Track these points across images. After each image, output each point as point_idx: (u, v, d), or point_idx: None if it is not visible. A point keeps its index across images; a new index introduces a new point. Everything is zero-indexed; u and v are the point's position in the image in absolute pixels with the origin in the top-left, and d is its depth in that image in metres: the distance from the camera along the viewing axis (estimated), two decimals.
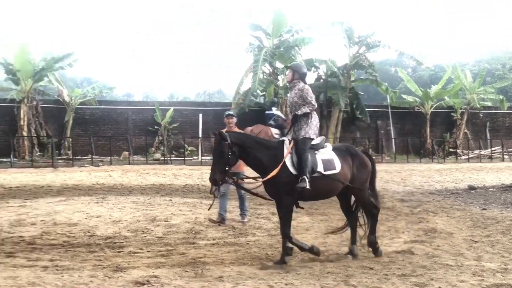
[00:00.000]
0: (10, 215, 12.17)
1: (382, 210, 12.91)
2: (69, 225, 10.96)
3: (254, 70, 32.15)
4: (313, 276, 7.25)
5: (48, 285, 6.66)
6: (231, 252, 8.79)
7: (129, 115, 33.07)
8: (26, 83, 29.57)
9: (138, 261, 8.07)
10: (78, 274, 7.20)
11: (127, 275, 7.22)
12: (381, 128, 37.05)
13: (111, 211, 12.82)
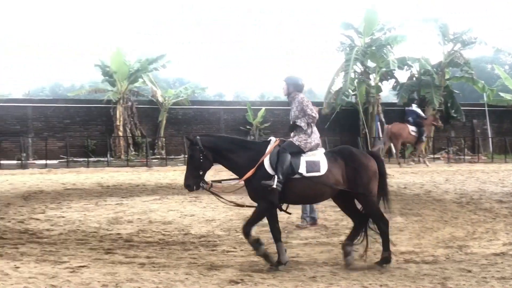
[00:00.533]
0: (108, 213, 12.56)
1: (479, 211, 12.67)
2: (164, 224, 11.21)
3: (346, 69, 31.86)
4: (409, 278, 7.13)
5: (146, 282, 6.82)
6: (324, 252, 8.76)
7: (221, 115, 33.46)
8: (121, 84, 30.40)
9: (231, 260, 8.17)
10: (174, 272, 7.35)
11: (221, 273, 7.31)
12: (478, 127, 35.99)
13: (204, 210, 13.01)
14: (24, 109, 30.27)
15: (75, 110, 31.15)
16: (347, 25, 33.29)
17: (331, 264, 7.92)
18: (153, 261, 7.98)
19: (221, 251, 8.83)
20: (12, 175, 21.65)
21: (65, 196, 15.35)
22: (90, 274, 7.13)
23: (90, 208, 13.32)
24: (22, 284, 6.53)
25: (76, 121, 30.97)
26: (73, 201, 14.46)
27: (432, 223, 11.25)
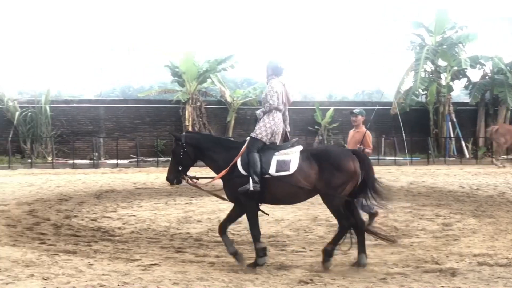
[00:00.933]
0: (178, 212, 12.72)
1: None
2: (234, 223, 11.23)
3: (416, 68, 31.32)
4: (482, 281, 6.96)
5: (215, 281, 6.86)
6: (394, 253, 8.63)
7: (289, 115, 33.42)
8: (190, 84, 30.69)
9: (301, 260, 8.14)
10: (243, 271, 7.37)
11: (291, 273, 7.30)
12: None
13: (273, 210, 12.98)
14: (96, 110, 30.95)
15: (145, 110, 31.65)
16: (417, 24, 32.76)
17: (402, 265, 7.80)
18: (223, 261, 8.03)
19: (290, 251, 8.82)
20: (84, 174, 22.20)
21: (136, 195, 15.63)
22: (161, 272, 7.22)
23: (160, 207, 13.52)
24: (96, 280, 6.66)
25: (146, 121, 31.47)
26: (143, 200, 14.71)
27: (506, 225, 10.95)
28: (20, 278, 6.64)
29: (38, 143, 28.58)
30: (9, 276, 6.72)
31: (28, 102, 29.67)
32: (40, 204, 13.86)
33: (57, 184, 18.45)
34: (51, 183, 18.62)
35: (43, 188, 17.11)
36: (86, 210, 12.92)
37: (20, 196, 15.35)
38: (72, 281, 6.63)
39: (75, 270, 7.23)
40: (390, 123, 32.80)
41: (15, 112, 28.37)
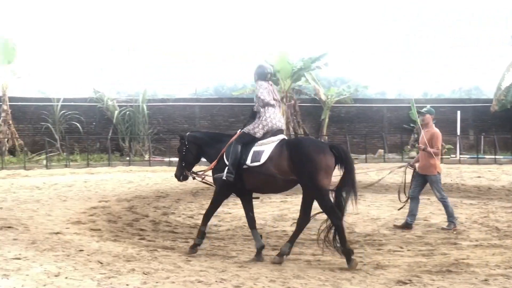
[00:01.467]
0: (273, 210, 12.77)
1: None
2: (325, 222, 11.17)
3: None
4: None
5: (312, 279, 6.83)
6: (496, 254, 8.34)
7: (384, 113, 32.97)
8: (285, 83, 30.79)
9: (398, 260, 7.99)
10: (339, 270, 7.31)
11: (388, 273, 7.18)
12: None
13: (369, 208, 12.87)
14: (191, 108, 31.54)
15: (239, 109, 31.96)
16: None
17: (504, 267, 7.52)
18: (319, 259, 7.99)
19: (387, 250, 8.67)
20: None
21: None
22: (258, 270, 7.26)
23: (255, 205, 13.52)
24: (194, 276, 6.76)
25: (240, 119, 31.74)
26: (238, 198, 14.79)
27: None
28: (122, 273, 6.83)
29: (136, 141, 29.41)
30: (111, 270, 6.92)
31: (126, 101, 30.59)
32: (138, 200, 14.26)
33: (154, 181, 18.91)
34: (148, 181, 19.11)
35: (141, 185, 17.58)
36: (183, 207, 13.17)
37: (120, 193, 15.84)
38: (171, 276, 6.76)
39: (174, 266, 7.37)
40: (490, 121, 31.83)
41: (114, 111, 29.33)
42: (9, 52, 27.82)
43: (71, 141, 28.80)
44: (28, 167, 24.03)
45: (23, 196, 14.86)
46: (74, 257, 7.71)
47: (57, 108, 29.02)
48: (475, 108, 33.04)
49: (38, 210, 12.40)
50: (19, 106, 29.16)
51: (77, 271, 6.83)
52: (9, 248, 8.05)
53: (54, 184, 17.88)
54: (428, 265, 7.59)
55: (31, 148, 28.29)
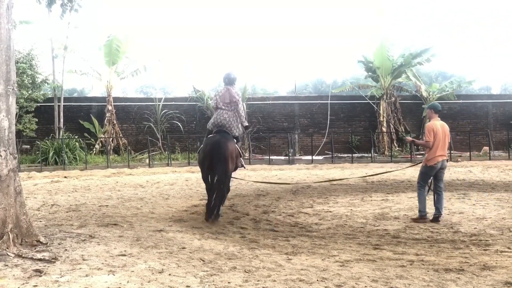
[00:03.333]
0: (374, 208, 12.58)
1: None
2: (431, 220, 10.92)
3: None
4: None
5: (416, 279, 6.65)
6: None
7: (489, 109, 31.92)
8: (385, 80, 30.35)
9: (506, 261, 7.66)
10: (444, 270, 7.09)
11: (496, 274, 6.89)
12: None
13: (474, 207, 12.46)
14: (291, 106, 31.61)
15: (339, 106, 31.78)
16: None
17: None
18: (422, 259, 7.77)
19: (494, 251, 8.33)
20: (280, 170, 22.71)
21: (332, 191, 15.70)
22: (359, 269, 7.14)
23: (356, 203, 13.45)
24: (295, 275, 6.72)
25: (340, 117, 31.59)
26: (339, 196, 14.73)
27: None
28: (224, 270, 6.88)
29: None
30: (213, 268, 6.98)
31: None
32: (239, 199, 14.38)
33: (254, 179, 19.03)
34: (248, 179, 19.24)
35: (241, 183, 17.73)
36: (283, 206, 13.18)
37: None
38: (273, 274, 6.75)
39: (275, 264, 7.36)
40: None
41: None
42: (113, 53, 28.73)
43: (172, 140, 29.49)
44: (131, 165, 24.80)
45: (128, 194, 15.31)
46: (177, 254, 7.84)
47: (158, 107, 29.78)
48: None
49: (141, 208, 12.72)
50: (123, 106, 30.14)
51: (180, 268, 6.93)
52: (115, 245, 8.27)
53: (157, 183, 18.33)
54: None
55: (134, 147, 29.19)
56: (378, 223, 10.77)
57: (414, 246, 8.69)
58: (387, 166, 23.75)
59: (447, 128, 11.59)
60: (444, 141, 11.37)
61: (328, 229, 10.28)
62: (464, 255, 8.04)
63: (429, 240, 9.14)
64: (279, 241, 9.14)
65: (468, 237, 9.38)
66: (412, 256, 7.97)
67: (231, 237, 9.51)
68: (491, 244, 8.83)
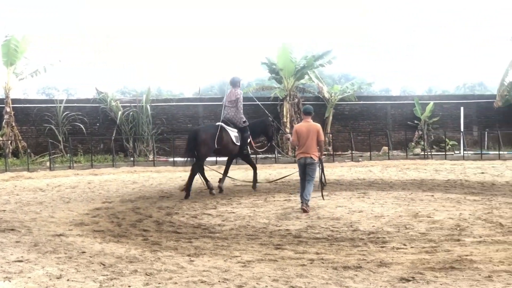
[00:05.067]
0: (277, 209, 12.72)
1: None
2: (332, 219, 11.15)
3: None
4: None
5: (315, 278, 6.78)
6: (500, 250, 8.25)
7: (388, 110, 32.91)
8: (288, 81, 30.74)
9: (402, 257, 7.92)
10: (343, 268, 7.26)
11: (392, 270, 7.12)
12: None
13: (373, 206, 12.81)
14: (195, 108, 31.54)
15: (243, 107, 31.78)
16: None
17: (508, 263, 7.44)
18: (322, 257, 7.93)
19: (391, 248, 8.60)
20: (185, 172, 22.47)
21: (235, 192, 15.80)
22: (261, 269, 7.21)
23: (259, 204, 13.57)
24: (197, 277, 6.73)
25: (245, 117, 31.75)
26: (242, 197, 14.83)
27: None
28: (124, 274, 6.80)
29: (140, 141, 29.43)
30: (113, 272, 6.90)
31: (130, 101, 30.67)
32: (142, 201, 14.25)
33: (158, 181, 18.93)
34: (152, 181, 19.12)
35: (145, 185, 17.57)
36: (187, 207, 13.14)
37: (124, 193, 15.85)
38: (174, 277, 6.73)
39: (177, 266, 7.34)
40: (493, 117, 31.85)
41: (118, 111, 29.37)
42: (11, 54, 27.80)
43: (75, 142, 28.86)
44: (31, 169, 24.09)
45: (26, 198, 14.88)
46: (77, 259, 7.70)
47: (60, 109, 29.04)
48: (479, 104, 33.03)
49: (41, 212, 12.40)
50: (22, 108, 29.20)
51: (79, 273, 6.81)
52: (11, 251, 8.04)
53: (58, 186, 17.90)
54: (431, 262, 7.52)
55: (35, 150, 28.34)
56: (280, 223, 10.89)
57: (314, 245, 8.84)
58: (290, 167, 24.09)
59: (313, 129, 12.49)
60: (306, 141, 12.41)
61: (231, 230, 10.33)
62: (362, 252, 8.26)
63: (329, 239, 9.32)
64: (182, 243, 9.12)
65: (367, 235, 9.63)
66: (313, 255, 8.12)
67: (133, 240, 9.40)
68: (388, 241, 9.11)
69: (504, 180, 17.33)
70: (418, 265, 7.36)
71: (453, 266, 7.27)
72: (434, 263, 7.48)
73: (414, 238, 9.32)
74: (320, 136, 12.53)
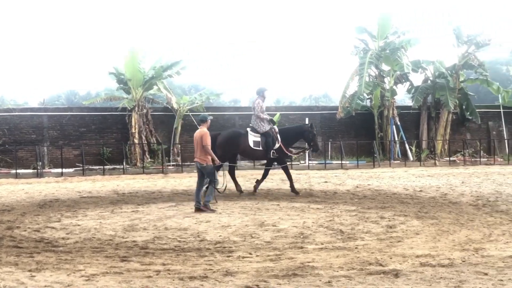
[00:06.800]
0: (124, 220, 12.56)
1: (496, 214, 12.60)
2: (180, 230, 11.18)
3: (360, 73, 31.88)
4: (425, 282, 7.03)
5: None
6: (339, 256, 8.67)
7: (236, 121, 33.42)
8: (136, 91, 30.46)
9: (247, 266, 8.10)
10: (189, 278, 7.30)
11: (237, 279, 7.26)
12: (493, 129, 35.74)
13: (220, 216, 12.98)
14: (39, 118, 30.44)
15: (90, 118, 31.26)
16: (361, 29, 33.39)
17: (347, 268, 7.83)
18: (169, 268, 7.94)
19: (237, 257, 8.76)
20: (28, 184, 21.77)
21: (81, 204, 15.41)
22: (106, 282, 7.11)
23: (105, 215, 13.33)
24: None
25: (91, 129, 31.07)
26: (88, 209, 14.51)
27: (448, 226, 11.16)
28: None
29: None
30: None
31: None
32: None
33: None
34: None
35: None
36: (29, 221, 12.64)
37: None
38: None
39: (17, 282, 7.08)
40: (336, 127, 33.28)
41: None
42: None
43: None
44: None
45: None
46: None
47: None
48: (323, 115, 34.36)
49: None
50: None
51: None
52: None
53: None
54: (275, 270, 7.74)
55: None
56: (127, 235, 10.77)
57: (161, 256, 8.83)
58: (138, 177, 23.91)
59: (199, 136, 13.96)
60: (197, 146, 14.02)
61: (76, 243, 10.07)
62: (208, 262, 8.35)
63: (176, 250, 9.34)
64: (23, 258, 8.77)
65: (213, 244, 9.75)
66: (159, 266, 8.10)
67: None
68: (234, 250, 9.27)
69: (345, 189, 18.16)
70: (263, 273, 7.55)
71: (295, 273, 7.53)
72: (278, 270, 7.71)
73: (259, 246, 9.55)
74: (203, 141, 13.83)
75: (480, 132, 35.59)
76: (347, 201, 15.25)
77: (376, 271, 7.63)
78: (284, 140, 17.24)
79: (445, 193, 16.68)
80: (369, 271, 7.65)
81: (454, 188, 17.91)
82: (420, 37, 32.89)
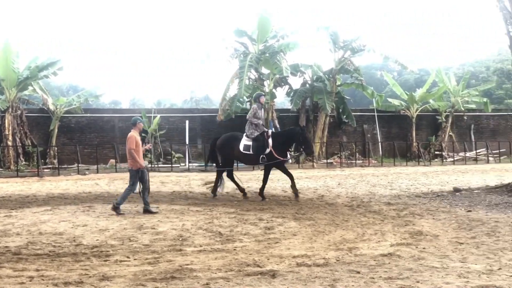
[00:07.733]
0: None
1: (369, 214, 13.14)
2: (55, 235, 10.88)
3: (240, 76, 32.18)
4: (300, 281, 7.22)
5: None
6: (218, 258, 8.75)
7: (115, 123, 32.98)
8: (10, 92, 29.40)
9: (125, 270, 8.02)
10: (63, 284, 7.16)
11: (114, 284, 7.17)
12: (368, 132, 37.22)
13: (98, 219, 12.76)
14: None
15: None
16: (241, 32, 33.63)
17: (225, 270, 7.92)
18: (43, 274, 7.74)
19: (114, 261, 8.65)
20: None
21: None
22: None
23: None
24: None
25: None
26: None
27: (324, 226, 11.51)
28: None
29: None
30: None
31: None
32: None
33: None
34: None
35: None
36: None
37: None
38: None
39: None
40: (216, 130, 33.51)
41: None
42: None
43: None
44: None
45: None
46: None
47: None
48: (203, 118, 34.52)
49: None
50: None
51: None
52: None
53: None
54: (153, 273, 7.70)
55: None
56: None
57: (35, 262, 8.58)
58: (12, 181, 23.09)
59: (127, 139, 14.24)
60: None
61: None
62: (84, 267, 8.19)
63: (51, 255, 9.10)
64: None
65: (90, 249, 9.57)
66: (33, 272, 7.88)
67: None
68: (112, 254, 9.14)
69: (225, 191, 18.27)
70: (141, 277, 7.51)
71: (174, 275, 7.53)
72: (156, 273, 7.69)
73: (137, 250, 9.48)
74: (128, 145, 14.02)
75: (355, 135, 36.95)
76: (226, 204, 15.40)
77: (253, 272, 7.77)
78: (276, 145, 16.64)
79: (322, 194, 17.22)
80: (247, 272, 7.78)
81: (330, 190, 18.51)
82: (299, 41, 33.49)
